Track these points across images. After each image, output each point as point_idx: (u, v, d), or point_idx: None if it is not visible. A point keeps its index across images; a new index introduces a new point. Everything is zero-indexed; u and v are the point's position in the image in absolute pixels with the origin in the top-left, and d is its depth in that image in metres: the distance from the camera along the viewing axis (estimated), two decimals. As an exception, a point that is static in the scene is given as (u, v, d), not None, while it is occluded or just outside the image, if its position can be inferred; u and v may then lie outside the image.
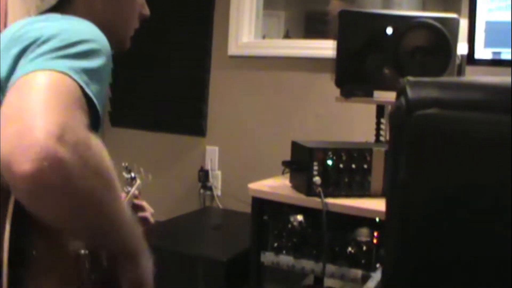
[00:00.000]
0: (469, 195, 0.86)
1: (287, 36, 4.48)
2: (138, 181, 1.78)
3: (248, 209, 2.40)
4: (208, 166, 3.56)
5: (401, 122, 0.91)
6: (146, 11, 1.54)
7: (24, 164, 0.88)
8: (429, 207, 0.89)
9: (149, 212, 1.79)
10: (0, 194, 0.96)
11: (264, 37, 3.80)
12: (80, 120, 0.98)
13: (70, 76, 1.01)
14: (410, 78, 0.93)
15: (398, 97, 0.94)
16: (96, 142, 0.99)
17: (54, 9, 1.34)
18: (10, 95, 0.98)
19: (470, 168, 0.86)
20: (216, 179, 3.54)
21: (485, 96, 0.87)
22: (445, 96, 0.89)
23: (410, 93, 0.90)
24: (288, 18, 4.79)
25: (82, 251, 1.13)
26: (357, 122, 3.04)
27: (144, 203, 1.79)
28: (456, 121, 0.87)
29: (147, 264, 1.21)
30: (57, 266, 1.07)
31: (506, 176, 0.83)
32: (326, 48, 2.73)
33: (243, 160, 3.45)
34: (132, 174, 1.76)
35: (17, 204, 0.96)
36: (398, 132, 0.92)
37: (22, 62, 1.06)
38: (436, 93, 0.90)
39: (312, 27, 4.98)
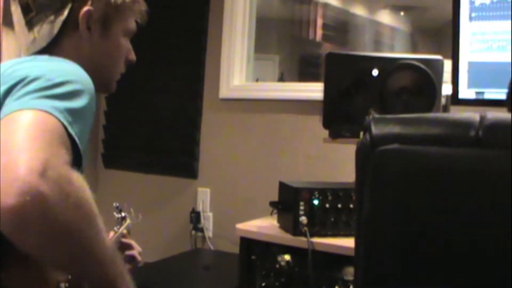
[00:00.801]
0: (428, 226, 0.88)
1: (281, 79, 4.53)
2: (128, 221, 1.80)
3: (238, 250, 2.41)
4: (199, 208, 3.56)
5: (365, 157, 0.93)
6: (133, 56, 1.57)
7: (7, 198, 0.91)
8: (391, 239, 0.91)
9: (136, 250, 1.80)
10: None
11: (258, 80, 3.85)
12: (62, 157, 1.01)
13: (53, 115, 1.04)
14: (375, 115, 0.95)
15: (364, 133, 0.96)
16: (77, 178, 1.02)
17: (43, 50, 1.38)
18: None
19: (428, 201, 0.88)
20: (208, 221, 3.54)
21: (443, 131, 0.90)
22: (405, 132, 0.92)
23: (374, 129, 0.93)
24: (282, 61, 4.85)
25: (63, 285, 1.14)
26: (346, 163, 3.04)
27: (132, 242, 1.80)
28: (415, 156, 0.89)
29: None
30: None
31: (464, 207, 0.85)
32: (316, 90, 2.76)
33: (235, 202, 3.46)
34: (123, 214, 1.78)
35: None
36: (362, 168, 0.95)
37: (8, 100, 1.10)
38: (397, 129, 0.93)
39: (306, 70, 5.04)
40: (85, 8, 1.39)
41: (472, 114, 0.88)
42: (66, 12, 1.38)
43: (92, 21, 1.41)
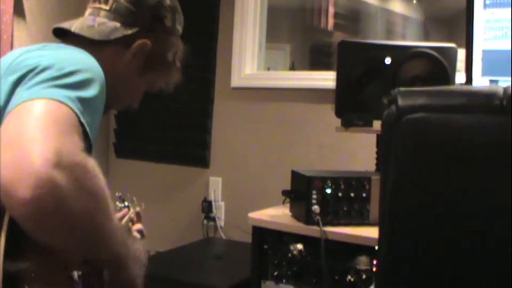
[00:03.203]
0: (452, 193, 0.89)
1: (292, 68, 4.52)
2: (132, 210, 1.79)
3: (251, 239, 2.41)
4: (211, 197, 3.56)
5: (391, 128, 0.94)
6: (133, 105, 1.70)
7: (22, 191, 0.91)
8: (418, 208, 0.92)
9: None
10: None
11: (269, 69, 3.84)
12: (76, 144, 1.01)
13: (66, 105, 1.04)
14: (401, 89, 0.97)
15: (389, 106, 0.97)
16: (92, 164, 1.02)
17: (87, 40, 1.42)
18: (8, 122, 1.01)
19: (452, 167, 0.90)
20: (220, 210, 3.55)
21: (467, 100, 0.93)
22: (431, 102, 0.95)
23: (400, 100, 0.95)
24: (294, 51, 4.83)
25: (76, 274, 1.15)
26: (358, 152, 3.05)
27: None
28: (440, 123, 0.92)
29: (136, 268, 1.25)
30: (51, 286, 1.08)
31: (486, 174, 0.86)
32: (327, 79, 2.75)
33: (247, 191, 3.46)
34: (126, 203, 1.78)
35: (11, 225, 0.98)
36: (388, 139, 0.96)
37: (19, 89, 1.10)
38: (423, 99, 0.96)
39: (317, 60, 5.02)
40: (146, 40, 1.49)
41: (495, 86, 0.91)
42: (130, 32, 1.47)
43: (141, 53, 1.50)
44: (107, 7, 1.47)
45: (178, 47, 1.65)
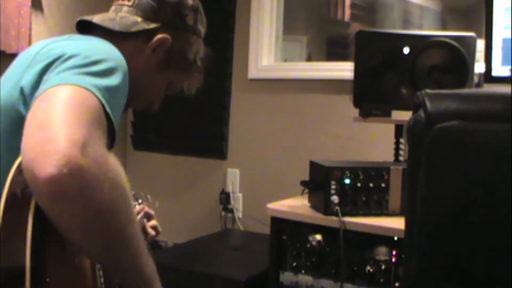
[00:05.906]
0: (489, 205, 0.85)
1: (309, 60, 4.50)
2: (146, 208, 1.78)
3: (269, 230, 2.41)
4: (229, 189, 3.57)
5: (421, 135, 0.90)
6: (154, 107, 1.70)
7: (45, 168, 0.91)
8: (449, 218, 0.88)
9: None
10: (22, 196, 0.98)
11: (286, 61, 3.83)
12: (100, 138, 1.02)
13: (93, 93, 1.05)
14: (428, 91, 0.92)
15: (416, 110, 0.93)
16: (114, 161, 1.03)
17: (109, 31, 1.44)
18: (37, 106, 1.02)
19: (491, 178, 0.85)
20: (237, 202, 3.55)
21: (504, 107, 0.87)
22: (464, 108, 0.89)
23: (429, 105, 0.90)
24: (310, 42, 4.80)
25: (98, 265, 1.14)
26: (376, 142, 3.04)
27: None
28: (476, 133, 0.86)
29: None
30: (73, 279, 1.08)
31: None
32: (345, 69, 2.74)
33: (265, 182, 3.46)
34: (139, 201, 1.77)
35: (37, 211, 0.97)
36: (417, 146, 0.92)
37: (47, 76, 1.12)
38: (455, 105, 0.90)
39: (334, 51, 4.99)
40: (166, 35, 1.49)
41: None
42: (152, 26, 1.48)
43: (161, 49, 1.51)
44: (130, 3, 1.49)
45: (200, 47, 1.67)
